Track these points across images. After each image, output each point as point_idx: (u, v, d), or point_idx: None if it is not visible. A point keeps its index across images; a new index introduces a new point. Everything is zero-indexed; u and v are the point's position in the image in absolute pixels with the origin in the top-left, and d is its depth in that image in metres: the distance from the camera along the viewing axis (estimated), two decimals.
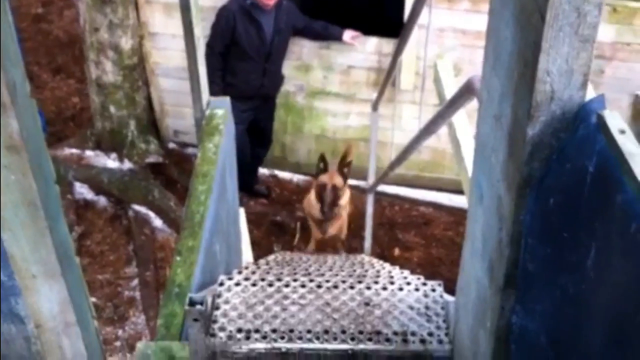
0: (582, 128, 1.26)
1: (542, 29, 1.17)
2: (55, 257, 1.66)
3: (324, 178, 4.70)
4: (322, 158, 4.75)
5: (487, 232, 1.61)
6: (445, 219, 6.63)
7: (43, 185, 1.57)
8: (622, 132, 1.16)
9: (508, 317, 1.60)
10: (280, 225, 6.50)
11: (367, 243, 5.73)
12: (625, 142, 1.15)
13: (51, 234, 1.62)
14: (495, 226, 1.54)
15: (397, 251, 6.27)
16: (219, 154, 3.32)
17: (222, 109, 3.55)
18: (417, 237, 6.57)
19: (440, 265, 6.08)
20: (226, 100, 3.61)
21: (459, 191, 5.39)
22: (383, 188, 6.34)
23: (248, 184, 6.34)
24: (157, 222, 6.41)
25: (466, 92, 1.98)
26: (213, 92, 3.76)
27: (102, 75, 6.38)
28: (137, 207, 6.43)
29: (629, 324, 1.15)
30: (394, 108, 6.02)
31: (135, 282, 6.05)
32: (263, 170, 6.81)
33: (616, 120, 1.19)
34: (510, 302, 1.57)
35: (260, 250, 5.80)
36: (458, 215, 6.37)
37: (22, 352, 2.00)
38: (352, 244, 6.19)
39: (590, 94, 1.29)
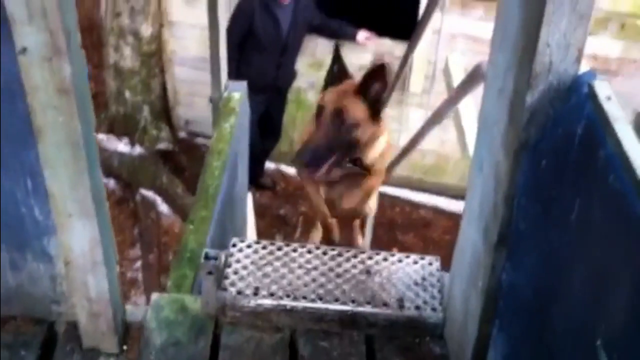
0: (575, 97, 1.42)
1: (545, 3, 1.34)
2: (91, 197, 1.81)
3: (327, 96, 2.71)
4: (337, 52, 2.84)
5: (485, 196, 1.77)
6: (444, 223, 6.77)
7: (85, 129, 1.73)
8: (609, 98, 1.33)
9: (498, 275, 1.76)
10: (283, 219, 6.65)
11: (367, 241, 5.87)
12: (611, 106, 1.31)
13: (89, 174, 1.78)
14: (492, 190, 1.70)
15: (395, 251, 6.39)
16: (234, 134, 3.49)
17: (239, 92, 3.72)
18: (416, 238, 6.72)
19: None
20: (243, 84, 3.78)
21: (460, 196, 5.54)
22: (385, 189, 6.49)
23: (254, 175, 6.49)
24: (163, 207, 6.57)
25: (474, 76, 2.14)
26: None
27: (120, 60, 6.55)
28: (144, 192, 6.59)
29: (607, 270, 1.31)
30: (401, 110, 6.18)
31: (139, 264, 6.20)
32: (270, 164, 6.97)
33: (604, 89, 1.35)
34: (501, 260, 1.73)
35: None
36: (457, 220, 6.51)
37: (47, 291, 2.16)
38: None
39: (584, 68, 1.46)
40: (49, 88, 1.63)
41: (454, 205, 6.59)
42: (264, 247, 2.52)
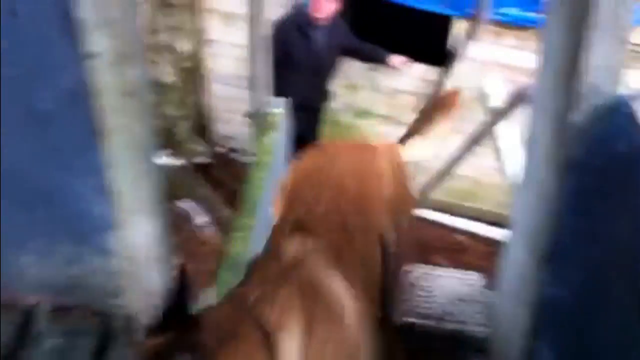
0: (617, 117, 1.51)
1: (588, 28, 1.44)
2: (153, 195, 1.92)
3: None
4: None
5: (531, 213, 1.84)
6: (480, 248, 6.68)
7: (148, 130, 1.84)
8: None
9: (544, 291, 1.81)
10: None
11: None
12: None
13: (152, 174, 1.89)
14: (538, 206, 1.78)
15: None
16: (276, 147, 3.59)
17: (280, 108, 3.84)
18: (450, 262, 6.67)
19: None
20: (285, 101, 3.90)
21: (497, 223, 5.55)
22: (420, 212, 6.48)
23: None
24: (202, 219, 6.68)
25: (517, 99, 2.22)
26: None
27: (159, 76, 6.70)
28: (182, 203, 6.71)
29: None
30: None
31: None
32: None
33: None
34: (547, 275, 1.79)
35: None
36: (493, 246, 6.46)
37: (105, 285, 2.24)
38: None
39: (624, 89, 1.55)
40: (116, 91, 1.73)
41: (491, 232, 6.53)
42: None
